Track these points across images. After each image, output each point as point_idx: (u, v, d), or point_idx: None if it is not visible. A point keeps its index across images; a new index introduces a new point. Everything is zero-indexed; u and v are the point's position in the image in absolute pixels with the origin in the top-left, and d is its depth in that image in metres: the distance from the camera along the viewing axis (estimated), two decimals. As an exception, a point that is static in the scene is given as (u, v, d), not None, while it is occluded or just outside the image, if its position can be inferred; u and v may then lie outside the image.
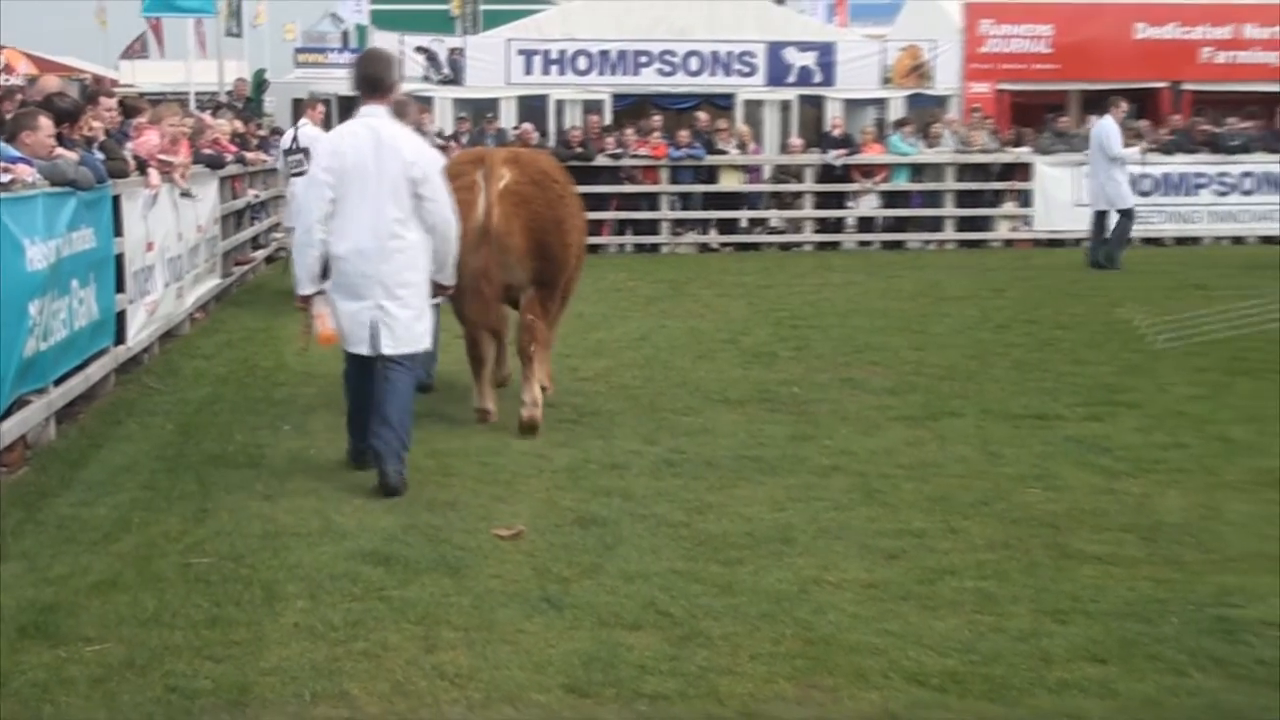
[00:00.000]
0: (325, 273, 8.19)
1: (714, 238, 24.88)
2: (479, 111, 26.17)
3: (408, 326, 8.15)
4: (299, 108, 31.40)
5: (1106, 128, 21.64)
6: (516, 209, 9.60)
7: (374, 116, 8.14)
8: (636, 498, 7.87)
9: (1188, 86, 29.02)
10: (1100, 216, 21.69)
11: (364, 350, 8.17)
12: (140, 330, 12.15)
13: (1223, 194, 26.11)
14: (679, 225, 24.79)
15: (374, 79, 8.23)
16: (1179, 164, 26.02)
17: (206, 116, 20.04)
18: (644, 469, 8.52)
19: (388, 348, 8.11)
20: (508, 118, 26.41)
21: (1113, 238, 21.51)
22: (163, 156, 13.48)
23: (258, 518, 7.48)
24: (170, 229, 13.54)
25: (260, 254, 21.11)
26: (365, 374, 8.29)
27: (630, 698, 5.09)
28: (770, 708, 5.01)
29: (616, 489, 8.07)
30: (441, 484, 8.20)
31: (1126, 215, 21.60)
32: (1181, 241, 25.97)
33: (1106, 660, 5.46)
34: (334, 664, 5.41)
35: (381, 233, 8.02)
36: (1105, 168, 21.45)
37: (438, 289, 8.50)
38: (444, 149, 16.07)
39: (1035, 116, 28.05)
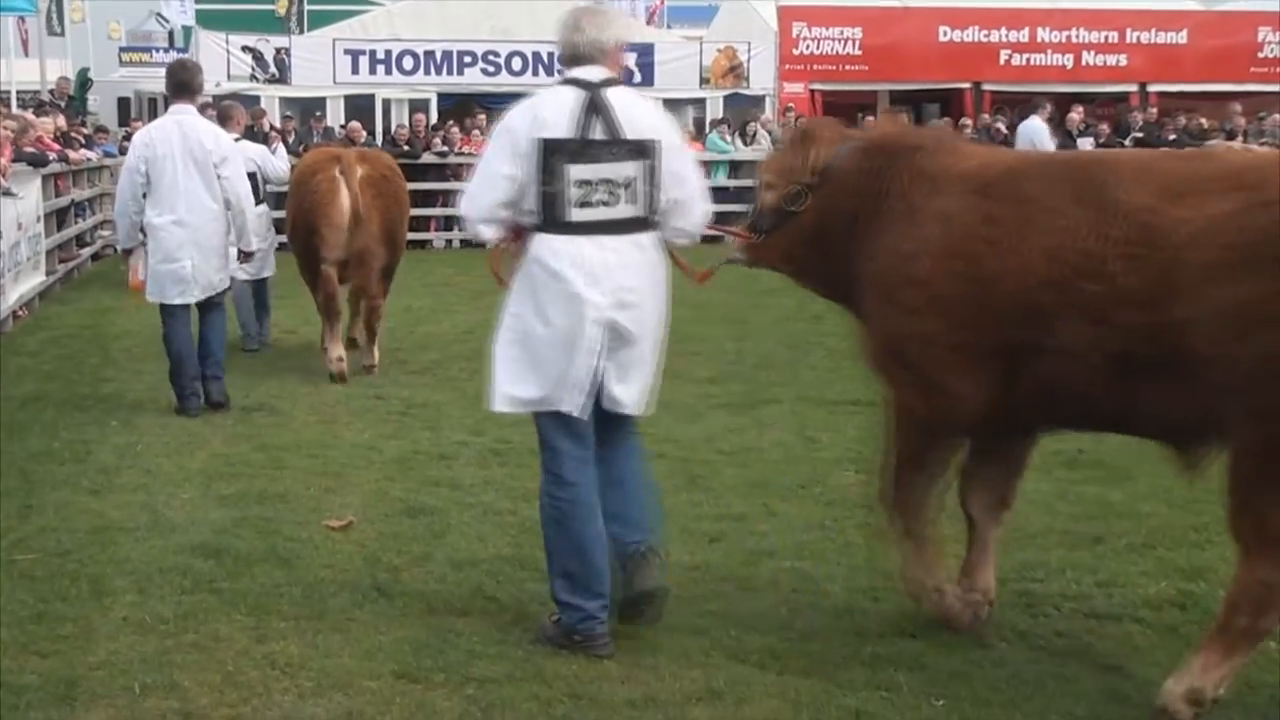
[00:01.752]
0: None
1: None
2: (306, 111, 25.83)
3: (209, 277, 9.96)
4: (124, 107, 30.85)
5: (1036, 128, 21.44)
6: (374, 200, 11.32)
7: (182, 114, 9.86)
8: (464, 487, 7.84)
9: (988, 87, 29.67)
10: None
11: (184, 299, 9.89)
12: (-37, 328, 11.79)
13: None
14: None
15: (182, 84, 10.00)
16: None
17: (29, 115, 19.52)
18: (471, 459, 8.49)
19: (197, 296, 9.93)
20: (335, 116, 26.10)
21: None
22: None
23: (85, 513, 7.31)
24: (-9, 226, 13.18)
25: (86, 251, 20.60)
26: (183, 325, 9.99)
27: (460, 682, 5.07)
28: (596, 688, 5.02)
29: (445, 479, 8.03)
30: (272, 477, 8.08)
31: None
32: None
33: (917, 635, 5.56)
34: (164, 656, 5.30)
35: (192, 205, 9.76)
36: None
37: (242, 255, 10.62)
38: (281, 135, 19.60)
39: (847, 116, 28.44)
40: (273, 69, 26.65)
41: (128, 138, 24.52)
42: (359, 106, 26.59)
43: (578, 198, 5.24)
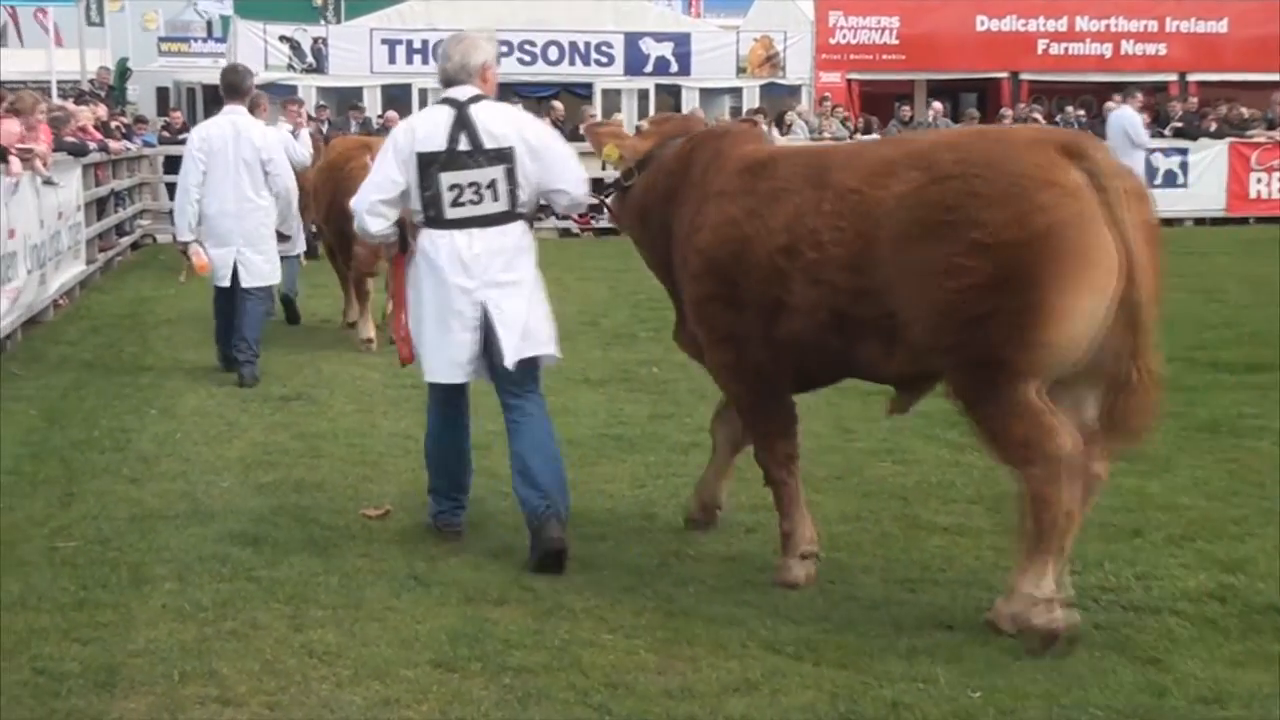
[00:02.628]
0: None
1: (574, 223, 24.83)
2: (343, 100, 25.91)
3: (259, 266, 10.99)
4: (162, 97, 30.97)
5: (1128, 117, 21.05)
6: None
7: (235, 114, 10.94)
8: (501, 476, 7.79)
9: (1025, 77, 29.54)
10: None
11: (227, 283, 10.94)
12: (2, 318, 11.86)
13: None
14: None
15: (232, 85, 11.15)
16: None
17: (70, 104, 19.61)
18: (507, 449, 8.48)
19: (245, 282, 10.90)
20: (372, 106, 26.17)
21: None
22: (22, 145, 13.17)
23: (124, 501, 7.35)
24: (32, 216, 13.24)
25: (125, 240, 20.72)
26: (229, 301, 11.03)
27: (496, 671, 5.07)
28: (633, 678, 5.02)
29: (481, 468, 7.99)
30: (310, 465, 8.12)
31: None
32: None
33: (954, 627, 5.54)
34: (203, 644, 5.33)
35: (241, 199, 10.82)
36: (1129, 157, 21.11)
37: (281, 237, 11.48)
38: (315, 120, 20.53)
39: (883, 105, 28.39)
40: (310, 59, 26.76)
41: (166, 128, 24.83)
42: (395, 96, 26.69)
43: (451, 199, 6.40)
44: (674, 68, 28.12)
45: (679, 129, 6.87)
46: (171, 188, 22.49)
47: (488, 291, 6.42)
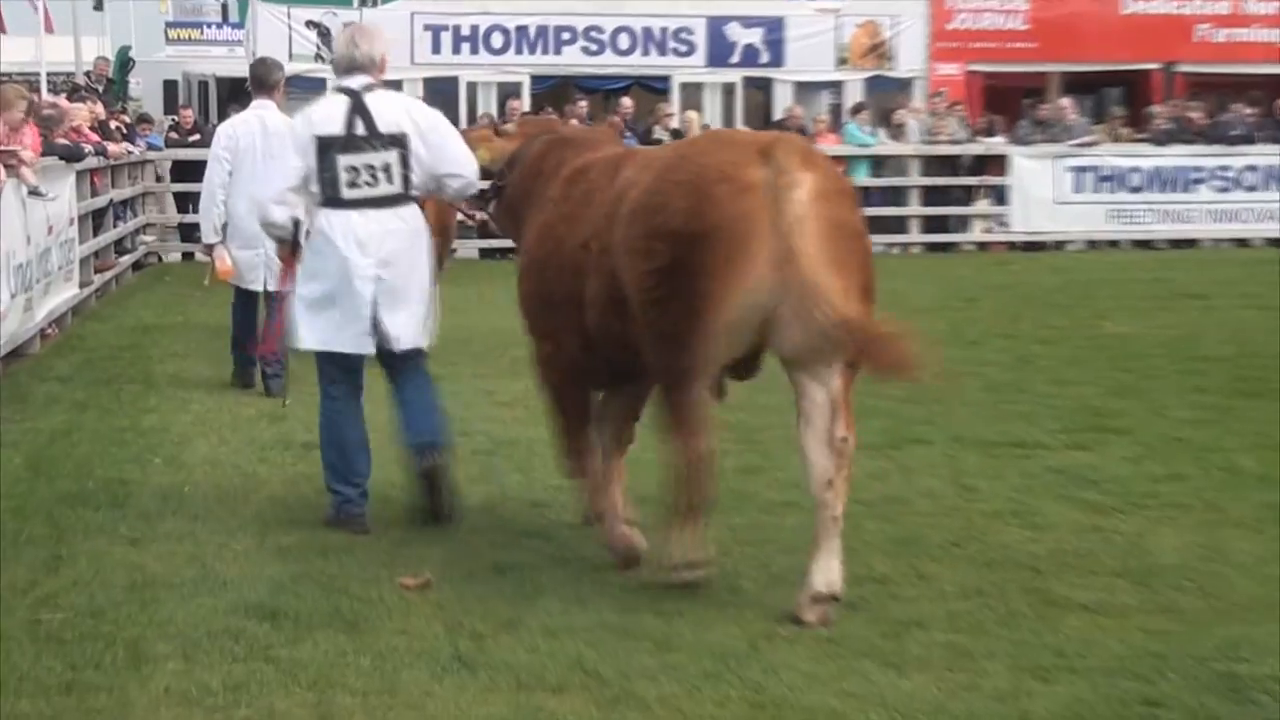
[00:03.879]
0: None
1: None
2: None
3: None
4: (170, 91, 31.30)
5: None
6: None
7: (264, 109, 11.92)
8: (560, 540, 7.86)
9: (1182, 68, 29.33)
10: None
11: (257, 287, 11.93)
12: (-17, 349, 12.02)
13: (1223, 190, 26.22)
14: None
15: (260, 79, 12.21)
16: (1173, 156, 26.10)
17: (63, 101, 19.86)
18: (568, 506, 8.49)
19: (272, 285, 11.37)
20: (412, 103, 26.31)
21: None
22: (5, 148, 13.33)
23: (122, 566, 7.41)
24: (16, 231, 13.39)
25: (126, 259, 20.90)
26: (250, 306, 12.21)
27: (554, 772, 5.07)
28: (715, 782, 5.01)
29: (538, 530, 8.05)
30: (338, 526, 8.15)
31: None
32: (1177, 244, 26.14)
33: (1096, 724, 5.49)
34: (212, 736, 5.35)
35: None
36: None
37: None
38: None
39: (1010, 102, 28.27)
40: (343, 49, 26.95)
41: (175, 128, 25.08)
42: (440, 91, 26.80)
43: (347, 180, 7.87)
44: (764, 58, 28.18)
45: (542, 130, 8.52)
46: (180, 197, 22.86)
47: (381, 270, 7.90)
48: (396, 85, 26.46)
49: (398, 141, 7.91)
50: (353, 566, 7.41)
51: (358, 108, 7.92)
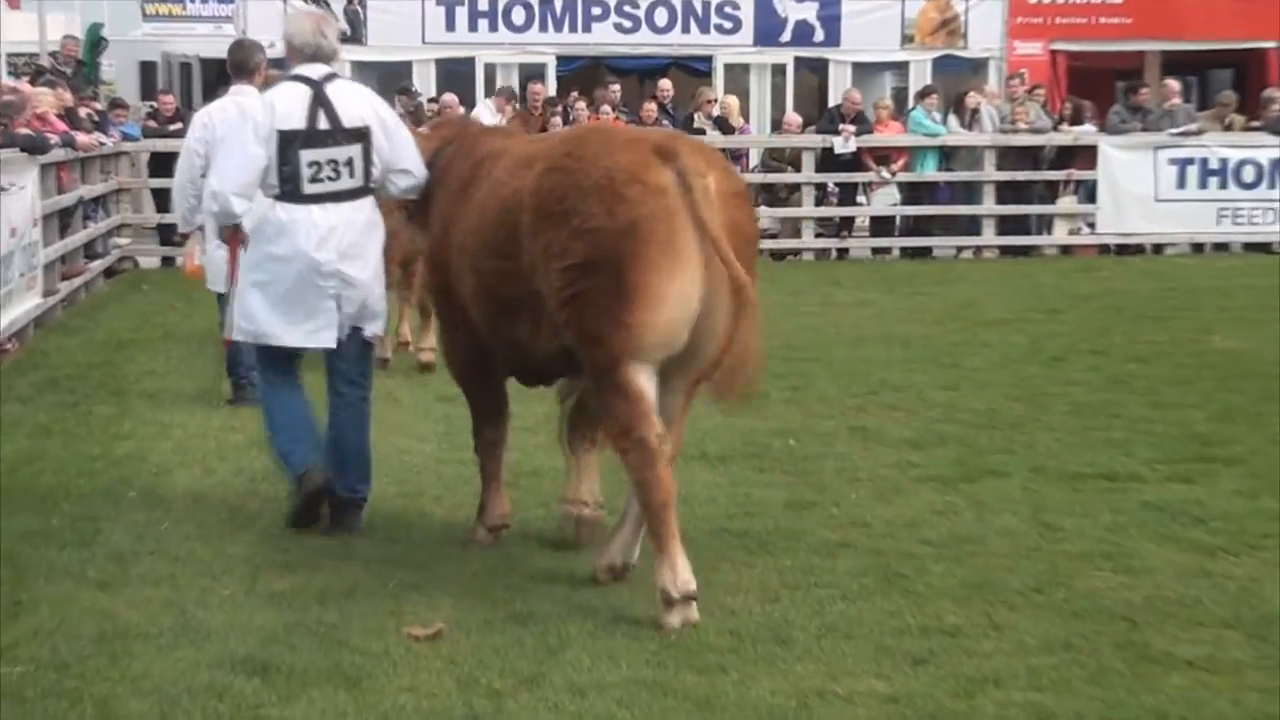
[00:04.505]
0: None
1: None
2: (387, 79, 26.06)
3: None
4: (148, 74, 31.40)
5: None
6: None
7: (242, 94, 11.83)
8: (588, 586, 7.86)
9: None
10: None
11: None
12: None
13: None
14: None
15: (239, 64, 12.46)
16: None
17: (25, 85, 19.93)
18: (596, 546, 8.51)
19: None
20: (424, 86, 26.37)
21: None
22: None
23: (90, 613, 7.43)
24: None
25: (97, 265, 20.93)
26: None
27: None
28: None
29: (563, 573, 8.06)
30: (338, 568, 8.17)
31: None
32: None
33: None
34: (194, 807, 5.38)
35: None
36: None
37: None
38: None
39: (1100, 86, 28.22)
40: (343, 25, 27.00)
41: (153, 115, 25.13)
42: (455, 74, 26.91)
43: (310, 175, 8.59)
44: (819, 35, 28.22)
45: (455, 134, 9.31)
46: (160, 194, 22.87)
47: (341, 264, 8.69)
48: (406, 67, 26.84)
49: (361, 135, 8.70)
50: (354, 615, 7.42)
51: (319, 99, 8.64)
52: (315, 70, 8.74)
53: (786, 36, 28.17)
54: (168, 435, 11.48)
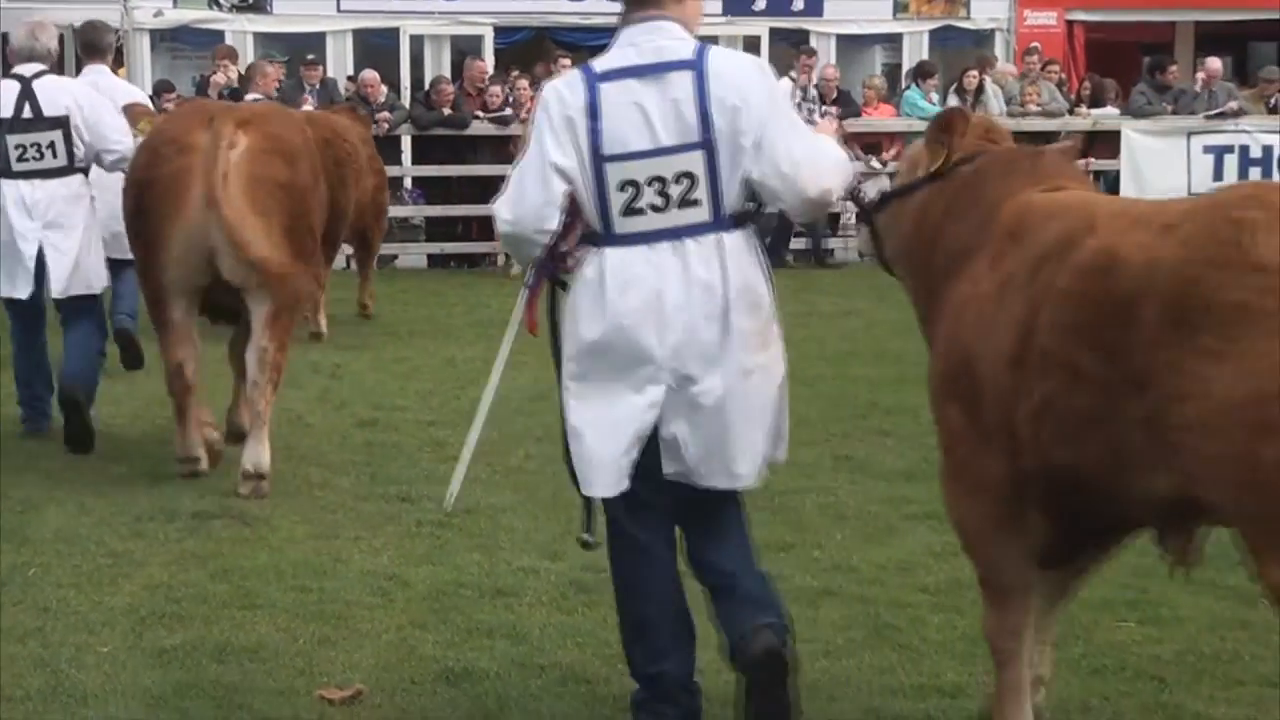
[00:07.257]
0: None
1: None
2: (296, 52, 25.99)
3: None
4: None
5: None
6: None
7: (98, 75, 13.99)
8: (531, 640, 7.86)
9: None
10: None
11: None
12: None
13: None
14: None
15: (90, 44, 14.51)
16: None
17: None
18: (543, 595, 8.52)
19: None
20: (339, 62, 26.34)
21: None
22: None
23: (-53, 674, 7.41)
24: None
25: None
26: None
27: None
28: None
29: (502, 626, 8.06)
30: (239, 620, 8.17)
31: None
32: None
33: None
34: None
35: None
36: None
37: None
38: None
39: (1124, 61, 28.33)
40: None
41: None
42: (375, 47, 26.88)
43: (16, 155, 11.88)
44: (798, 4, 28.25)
45: (197, 110, 12.45)
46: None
47: (46, 232, 11.96)
48: (318, 39, 26.81)
49: (60, 123, 12.04)
50: (258, 674, 7.42)
51: (26, 93, 12.02)
52: (29, 68, 12.17)
53: (761, 5, 28.21)
54: (36, 466, 11.46)
